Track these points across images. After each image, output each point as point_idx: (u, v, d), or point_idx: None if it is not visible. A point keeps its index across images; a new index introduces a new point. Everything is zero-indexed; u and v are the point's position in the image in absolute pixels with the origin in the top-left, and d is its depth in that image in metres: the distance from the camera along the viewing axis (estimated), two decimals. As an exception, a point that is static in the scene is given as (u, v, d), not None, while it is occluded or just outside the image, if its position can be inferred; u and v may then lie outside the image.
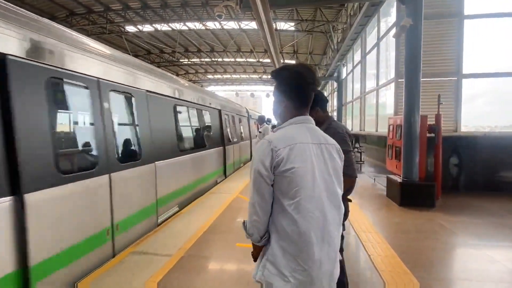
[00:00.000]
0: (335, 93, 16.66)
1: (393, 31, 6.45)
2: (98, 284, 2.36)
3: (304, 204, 1.06)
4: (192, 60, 20.74)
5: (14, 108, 1.90)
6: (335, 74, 15.38)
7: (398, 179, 5.11)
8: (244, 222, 1.20)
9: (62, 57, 2.38)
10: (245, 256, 2.98)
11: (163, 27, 14.15)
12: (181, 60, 20.54)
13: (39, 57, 2.16)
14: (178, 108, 4.84)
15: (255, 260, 1.21)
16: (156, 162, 3.74)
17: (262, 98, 76.03)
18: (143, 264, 2.72)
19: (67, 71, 2.42)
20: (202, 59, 20.54)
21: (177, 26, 14.01)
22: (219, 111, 7.42)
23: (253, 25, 13.65)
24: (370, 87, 10.54)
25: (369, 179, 7.38)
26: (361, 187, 6.43)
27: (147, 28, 14.32)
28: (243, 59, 19.95)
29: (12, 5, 2.12)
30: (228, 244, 3.29)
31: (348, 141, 1.88)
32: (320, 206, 1.09)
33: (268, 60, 18.12)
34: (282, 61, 15.36)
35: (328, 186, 1.13)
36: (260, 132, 6.66)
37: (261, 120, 7.99)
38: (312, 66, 1.20)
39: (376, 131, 9.44)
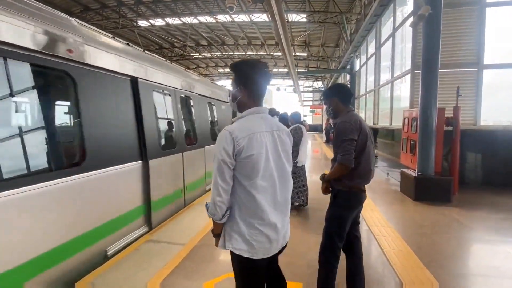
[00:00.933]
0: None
1: (410, 20, 6.22)
2: (118, 267, 2.46)
3: (260, 182, 1.29)
4: (203, 54, 20.78)
5: (141, 110, 3.23)
6: (348, 67, 15.03)
7: (413, 174, 4.99)
8: (206, 204, 1.37)
9: (164, 78, 3.94)
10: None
11: (175, 21, 14.19)
12: (192, 54, 20.61)
13: (150, 78, 3.57)
14: (212, 106, 6.10)
15: (216, 236, 1.42)
16: (205, 147, 5.15)
17: (272, 92, 75.53)
18: (158, 252, 2.80)
19: (161, 85, 3.85)
20: (213, 53, 20.54)
21: (188, 20, 14.03)
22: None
23: (264, 17, 13.48)
24: (384, 79, 10.26)
25: (382, 173, 7.25)
26: (374, 182, 6.29)
27: (159, 22, 14.41)
28: (254, 53, 19.81)
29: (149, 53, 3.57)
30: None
31: (348, 131, 1.89)
32: (272, 183, 1.33)
33: (279, 53, 17.93)
34: (294, 53, 15.16)
35: (279, 165, 1.37)
36: None
37: (272, 114, 7.88)
38: (265, 62, 1.37)
39: (390, 124, 9.22)
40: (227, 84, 30.14)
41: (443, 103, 5.30)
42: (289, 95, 33.73)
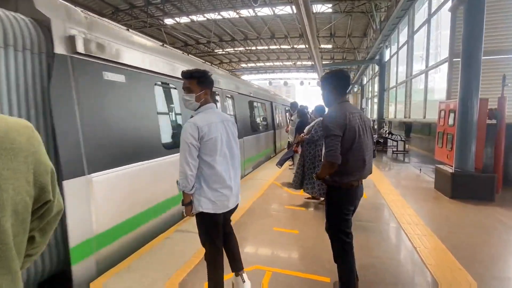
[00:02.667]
0: (376, 78, 15.58)
1: (448, 4, 5.74)
2: (153, 252, 2.60)
3: (218, 158, 1.81)
4: (226, 50, 20.92)
5: (236, 110, 5.84)
6: (377, 57, 14.29)
7: (450, 170, 4.66)
8: (177, 182, 1.79)
9: (236, 88, 6.17)
10: (282, 239, 3.02)
11: (199, 17, 14.40)
12: (215, 51, 20.84)
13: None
14: (253, 104, 7.51)
15: (186, 205, 1.81)
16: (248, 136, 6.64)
17: (295, 86, 74.31)
18: (188, 240, 2.91)
19: (229, 90, 5.75)
20: (236, 48, 20.60)
21: (212, 16, 14.15)
22: (271, 103, 9.70)
23: (288, 9, 13.20)
24: (417, 69, 9.62)
25: (414, 169, 6.86)
26: (405, 178, 6.02)
27: (184, 19, 14.71)
28: (277, 46, 19.54)
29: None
30: (265, 228, 3.35)
31: (331, 128, 1.82)
32: (226, 158, 1.87)
33: (303, 46, 17.53)
34: (318, 45, 14.71)
35: (229, 145, 1.90)
36: (292, 120, 6.44)
37: (294, 108, 7.60)
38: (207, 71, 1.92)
39: (424, 117, 8.65)
40: (250, 78, 30.19)
41: (486, 93, 4.84)
42: (314, 89, 32.94)
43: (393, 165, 7.81)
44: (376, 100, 15.06)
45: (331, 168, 1.84)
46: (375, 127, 13.79)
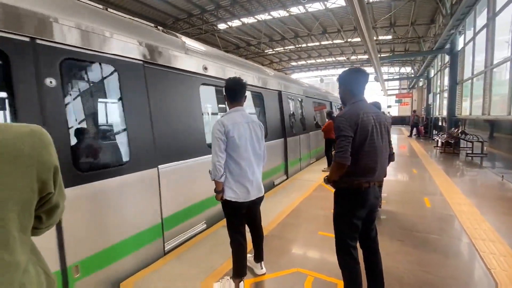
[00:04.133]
0: (446, 70, 13.62)
1: (547, -26, 4.64)
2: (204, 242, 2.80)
3: (242, 154, 2.11)
4: (276, 49, 20.96)
5: (283, 109, 6.07)
6: (447, 46, 12.48)
7: (544, 178, 3.80)
8: (209, 171, 2.12)
9: (292, 89, 7.01)
10: (326, 244, 2.91)
11: (250, 19, 14.77)
12: (266, 51, 21.08)
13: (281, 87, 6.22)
14: (305, 103, 7.91)
15: (218, 193, 2.12)
16: (300, 135, 7.04)
17: (349, 82, 69.81)
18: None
19: (291, 93, 6.81)
20: (286, 47, 20.46)
21: (262, 17, 14.35)
22: (330, 103, 10.77)
23: (340, 1, 12.54)
24: (500, 58, 8.08)
25: (494, 176, 5.81)
26: (481, 186, 5.16)
27: (236, 23, 15.28)
28: (329, 41, 18.72)
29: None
30: (310, 231, 3.28)
31: (341, 128, 1.75)
32: (249, 155, 2.14)
33: (358, 39, 16.41)
34: (376, 37, 13.56)
35: (252, 144, 2.17)
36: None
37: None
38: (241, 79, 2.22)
39: (509, 114, 7.23)
40: (300, 76, 29.69)
41: None
42: (369, 84, 30.57)
43: (466, 170, 6.76)
44: (445, 95, 13.17)
45: (340, 169, 1.77)
46: (443, 124, 12.08)
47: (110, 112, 2.51)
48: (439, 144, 10.84)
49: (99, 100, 2.50)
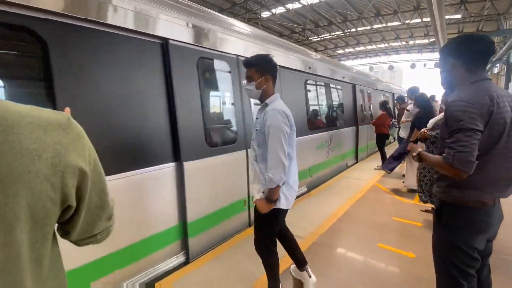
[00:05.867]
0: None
1: None
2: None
3: (295, 150, 1.78)
4: (322, 36, 19.73)
5: (356, 100, 6.78)
6: (539, 22, 10.16)
7: None
8: (268, 177, 1.61)
9: (374, 85, 8.33)
10: (389, 261, 2.44)
11: (295, 5, 14.01)
12: (310, 38, 20.00)
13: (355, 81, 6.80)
14: (372, 94, 8.19)
15: (274, 201, 1.69)
16: (368, 125, 7.25)
17: (402, 71, 63.31)
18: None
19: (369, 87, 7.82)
20: (333, 33, 19.11)
21: (308, 1, 13.47)
22: (392, 94, 10.74)
23: (400, -23, 11.03)
24: None
25: None
26: None
27: (280, 10, 14.65)
28: (383, 24, 16.89)
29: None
30: (366, 242, 2.82)
31: (465, 117, 1.15)
32: (295, 152, 1.82)
33: (418, 20, 14.45)
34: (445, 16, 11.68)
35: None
36: (408, 110, 5.24)
37: (413, 93, 5.94)
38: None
39: None
40: (348, 64, 27.70)
41: None
42: (428, 72, 27.18)
43: None
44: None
45: (454, 177, 1.19)
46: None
47: (227, 102, 3.12)
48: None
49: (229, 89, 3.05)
